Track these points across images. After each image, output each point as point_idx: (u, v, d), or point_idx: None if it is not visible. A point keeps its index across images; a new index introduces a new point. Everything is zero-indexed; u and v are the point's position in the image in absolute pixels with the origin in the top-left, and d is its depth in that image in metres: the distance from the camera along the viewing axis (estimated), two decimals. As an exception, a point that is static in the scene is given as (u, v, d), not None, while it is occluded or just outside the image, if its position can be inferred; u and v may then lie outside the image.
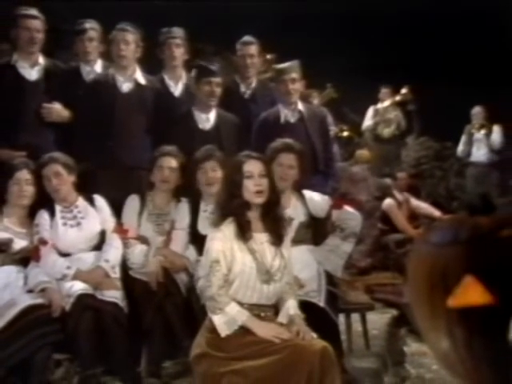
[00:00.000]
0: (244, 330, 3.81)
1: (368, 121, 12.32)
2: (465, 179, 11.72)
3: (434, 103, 11.46)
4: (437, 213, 8.92)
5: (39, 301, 4.95)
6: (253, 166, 4.00)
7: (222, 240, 3.90)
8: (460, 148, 11.38)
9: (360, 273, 7.61)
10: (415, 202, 9.17)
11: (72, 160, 5.40)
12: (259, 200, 3.98)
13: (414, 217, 9.01)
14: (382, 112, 12.26)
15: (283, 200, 4.45)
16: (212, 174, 5.39)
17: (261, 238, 4.00)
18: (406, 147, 12.56)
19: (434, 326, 1.58)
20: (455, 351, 1.56)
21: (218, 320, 3.80)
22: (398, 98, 12.22)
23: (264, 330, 3.80)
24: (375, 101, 12.31)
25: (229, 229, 3.93)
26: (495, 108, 10.85)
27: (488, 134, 11.03)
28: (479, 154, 11.14)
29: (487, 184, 11.08)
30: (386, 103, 12.28)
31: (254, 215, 4.01)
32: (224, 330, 3.78)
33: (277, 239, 4.03)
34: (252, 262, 3.90)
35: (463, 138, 11.27)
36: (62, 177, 5.30)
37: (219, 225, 3.97)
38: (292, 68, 6.15)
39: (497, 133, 11.02)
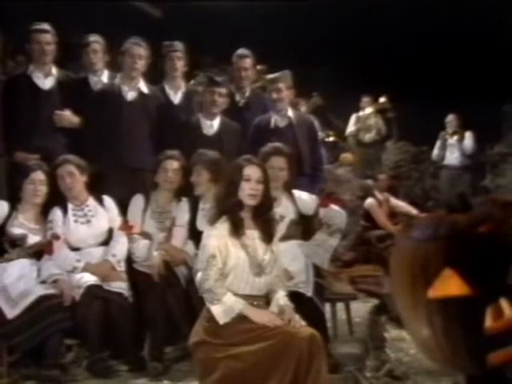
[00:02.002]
0: (239, 319, 3.79)
1: (351, 127, 12.30)
2: (439, 181, 11.74)
3: (412, 111, 11.46)
4: (414, 211, 8.91)
5: (51, 291, 5.02)
6: (252, 171, 3.97)
7: (217, 237, 3.87)
8: (435, 152, 11.38)
9: (344, 265, 7.58)
10: (394, 201, 9.15)
11: (84, 162, 5.43)
12: (252, 202, 3.96)
13: (393, 215, 8.99)
14: (364, 119, 12.25)
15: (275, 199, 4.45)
16: (195, 177, 5.40)
17: (252, 235, 3.97)
18: (385, 151, 12.54)
19: (415, 315, 1.59)
20: (435, 338, 1.56)
21: (216, 310, 3.78)
22: (376, 106, 12.24)
23: (259, 315, 3.80)
24: (358, 108, 12.32)
25: (223, 226, 3.91)
26: (467, 116, 10.88)
27: (460, 140, 11.05)
28: (452, 157, 11.15)
29: (460, 185, 11.10)
30: (367, 111, 12.28)
31: (246, 215, 3.99)
32: (222, 319, 3.76)
33: (267, 237, 4.01)
34: (245, 257, 3.88)
35: (438, 143, 11.28)
36: (74, 176, 5.34)
37: (214, 222, 3.95)
38: (281, 78, 6.16)
39: (469, 139, 11.04)
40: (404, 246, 1.68)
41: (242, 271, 3.87)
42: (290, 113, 6.19)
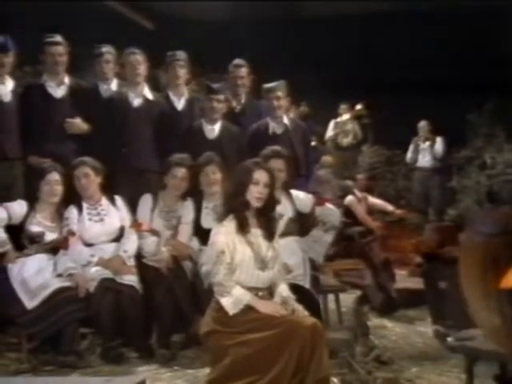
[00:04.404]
0: (246, 309, 3.77)
1: (330, 132, 12.37)
2: (411, 181, 11.81)
3: (386, 117, 11.51)
4: (390, 207, 8.92)
5: (67, 284, 5.03)
6: (261, 176, 3.95)
7: (225, 234, 3.86)
8: (408, 155, 11.43)
9: (327, 260, 7.58)
10: (372, 199, 9.16)
11: (100, 164, 5.40)
12: (258, 204, 3.94)
13: (371, 213, 9.00)
14: (341, 125, 12.33)
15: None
16: (212, 176, 5.40)
17: (256, 233, 3.96)
18: (361, 154, 12.52)
19: (486, 306, 1.58)
20: (504, 327, 1.55)
21: (225, 301, 3.76)
22: (353, 112, 12.28)
23: (265, 305, 3.79)
24: (336, 115, 12.38)
25: (230, 224, 3.90)
26: (438, 122, 10.96)
27: (432, 145, 11.14)
28: (424, 160, 11.22)
29: (429, 186, 11.19)
30: (345, 117, 12.34)
31: (252, 214, 3.98)
32: (232, 310, 3.74)
33: (269, 235, 4.00)
34: (250, 253, 3.87)
35: (411, 148, 11.34)
36: (89, 178, 5.34)
37: (223, 220, 3.94)
38: (277, 87, 6.14)
39: (439, 143, 11.11)
40: (474, 240, 1.67)
41: (247, 266, 3.86)
42: (286, 119, 6.19)
